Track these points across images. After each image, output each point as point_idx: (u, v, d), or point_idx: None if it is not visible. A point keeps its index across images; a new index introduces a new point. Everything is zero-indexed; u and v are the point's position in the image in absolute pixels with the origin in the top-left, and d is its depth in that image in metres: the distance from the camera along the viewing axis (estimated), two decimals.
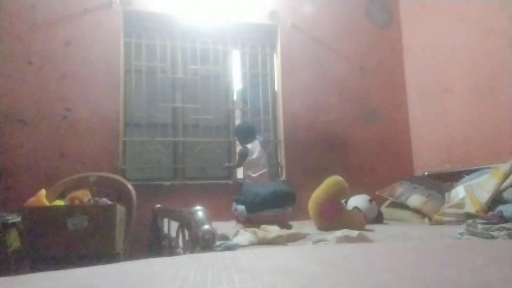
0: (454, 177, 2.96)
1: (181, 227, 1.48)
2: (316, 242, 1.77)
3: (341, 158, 3.47)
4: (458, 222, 2.16)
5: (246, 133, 3.11)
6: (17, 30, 2.89)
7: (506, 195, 2.26)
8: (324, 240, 1.77)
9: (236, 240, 1.81)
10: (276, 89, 3.59)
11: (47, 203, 2.26)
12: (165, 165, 3.27)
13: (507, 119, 2.66)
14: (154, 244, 2.58)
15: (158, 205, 2.65)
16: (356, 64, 3.67)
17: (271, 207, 2.50)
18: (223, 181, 3.15)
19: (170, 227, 1.99)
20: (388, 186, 3.14)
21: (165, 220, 2.18)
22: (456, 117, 3.14)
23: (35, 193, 2.29)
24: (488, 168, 2.56)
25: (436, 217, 2.50)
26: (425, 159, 3.52)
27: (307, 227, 2.42)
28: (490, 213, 2.17)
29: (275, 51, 3.60)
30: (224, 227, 2.18)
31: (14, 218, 2.29)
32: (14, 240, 2.25)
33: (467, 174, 2.75)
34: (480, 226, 1.77)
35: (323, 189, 2.46)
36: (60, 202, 2.34)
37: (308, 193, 2.49)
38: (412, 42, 3.72)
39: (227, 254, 0.72)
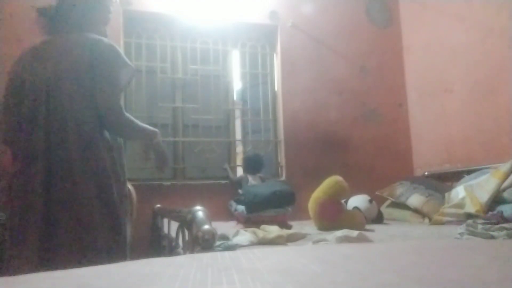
0: (454, 177, 2.96)
1: (181, 227, 1.48)
2: (316, 242, 1.77)
3: (341, 158, 3.47)
4: (458, 222, 2.16)
5: (252, 164, 3.11)
6: (17, 30, 2.88)
7: (506, 195, 2.26)
8: (324, 240, 1.77)
9: (236, 240, 1.81)
10: (276, 89, 3.59)
11: None
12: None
13: (507, 119, 2.66)
14: (154, 244, 2.58)
15: (158, 205, 2.65)
16: (356, 64, 3.67)
17: (271, 207, 2.50)
18: (223, 181, 3.15)
19: (170, 227, 1.99)
20: (388, 186, 3.14)
21: (165, 220, 2.18)
22: (456, 117, 3.14)
23: None
24: (488, 168, 2.56)
25: (436, 217, 2.50)
26: (425, 159, 3.52)
27: (307, 227, 2.42)
28: (490, 213, 2.17)
29: (275, 51, 3.60)
30: (224, 227, 2.18)
31: None
32: None
33: (467, 174, 2.75)
34: (480, 226, 1.77)
35: (323, 189, 2.46)
36: None
37: (308, 193, 2.49)
38: (412, 42, 3.72)
39: (227, 254, 0.72)
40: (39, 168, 1.22)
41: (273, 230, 1.99)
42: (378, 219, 2.73)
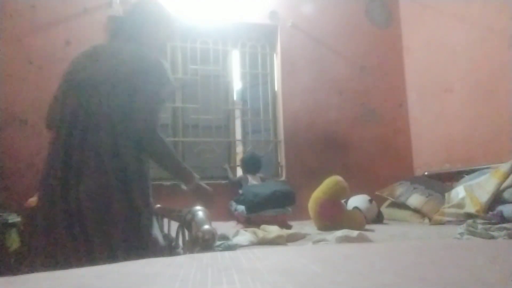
0: (454, 177, 2.96)
1: (181, 227, 1.48)
2: (316, 242, 1.77)
3: (341, 158, 3.47)
4: (458, 222, 2.17)
5: (250, 164, 3.10)
6: (17, 30, 2.89)
7: (506, 195, 2.26)
8: (324, 240, 1.77)
9: (236, 240, 1.81)
10: (276, 89, 3.59)
11: None
12: None
13: (507, 119, 2.66)
14: None
15: (158, 205, 2.65)
16: (356, 64, 3.67)
17: (271, 207, 2.51)
18: (223, 181, 3.15)
19: (170, 227, 1.99)
20: (388, 186, 3.14)
21: (165, 220, 2.18)
22: (456, 117, 3.14)
23: (35, 193, 2.29)
24: (488, 168, 2.56)
25: (436, 217, 2.50)
26: (425, 159, 3.52)
27: (307, 227, 2.42)
28: (490, 213, 2.17)
29: (275, 51, 3.60)
30: (224, 227, 2.18)
31: (14, 218, 2.29)
32: (14, 240, 2.25)
33: (467, 174, 2.75)
34: (480, 226, 1.78)
35: (323, 189, 2.46)
36: None
37: (308, 193, 2.49)
38: (412, 42, 3.72)
39: (227, 254, 0.72)
40: (74, 160, 1.23)
41: (273, 230, 1.99)
42: (378, 219, 2.73)
